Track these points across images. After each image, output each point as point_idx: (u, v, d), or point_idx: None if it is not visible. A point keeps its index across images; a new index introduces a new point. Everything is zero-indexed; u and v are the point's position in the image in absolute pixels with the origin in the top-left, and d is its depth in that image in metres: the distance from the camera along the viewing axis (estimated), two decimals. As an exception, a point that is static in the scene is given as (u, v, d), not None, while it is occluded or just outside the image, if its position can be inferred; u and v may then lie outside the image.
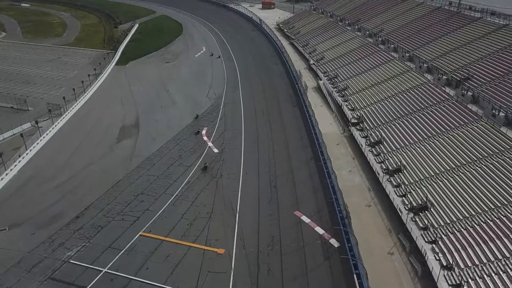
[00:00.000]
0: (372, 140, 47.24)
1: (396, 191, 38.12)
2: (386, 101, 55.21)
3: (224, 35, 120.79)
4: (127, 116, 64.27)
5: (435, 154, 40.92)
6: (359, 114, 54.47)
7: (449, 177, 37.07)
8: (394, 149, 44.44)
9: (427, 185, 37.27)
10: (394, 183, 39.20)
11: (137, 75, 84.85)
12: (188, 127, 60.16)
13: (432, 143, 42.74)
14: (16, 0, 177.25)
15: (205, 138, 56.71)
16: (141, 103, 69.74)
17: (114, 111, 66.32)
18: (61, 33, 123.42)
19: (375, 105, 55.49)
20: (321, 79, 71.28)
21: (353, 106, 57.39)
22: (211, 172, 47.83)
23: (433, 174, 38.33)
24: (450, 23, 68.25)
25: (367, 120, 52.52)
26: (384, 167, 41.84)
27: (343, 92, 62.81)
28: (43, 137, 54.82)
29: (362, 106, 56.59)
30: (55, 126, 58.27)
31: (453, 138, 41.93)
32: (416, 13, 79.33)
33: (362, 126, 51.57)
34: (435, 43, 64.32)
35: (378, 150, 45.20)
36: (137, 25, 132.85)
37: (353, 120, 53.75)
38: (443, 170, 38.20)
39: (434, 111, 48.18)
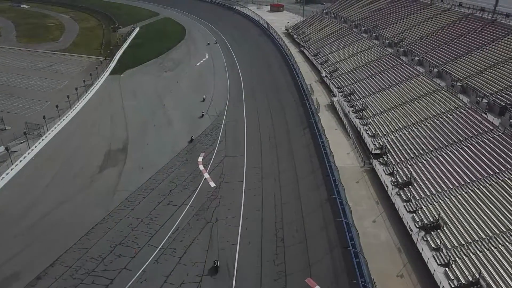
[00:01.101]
0: (400, 180, 38.97)
1: (436, 257, 29.93)
2: (414, 128, 46.80)
3: (229, 40, 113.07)
4: (115, 138, 56.85)
5: (487, 203, 32.62)
6: (381, 143, 46.19)
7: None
8: (429, 194, 36.11)
9: (484, 249, 29.01)
10: (433, 245, 30.99)
11: (132, 87, 77.49)
12: (182, 153, 52.51)
13: (478, 189, 34.42)
14: (17, 1, 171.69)
15: (201, 167, 49.00)
16: (133, 121, 62.29)
17: (102, 131, 58.93)
18: (57, 37, 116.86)
19: (401, 132, 47.13)
20: (335, 96, 63.01)
21: (373, 132, 49.09)
22: (205, 215, 40.09)
23: (490, 234, 30.03)
24: (485, 33, 59.47)
25: (391, 151, 44.21)
26: (418, 220, 33.64)
27: (361, 114, 54.53)
28: (15, 166, 47.58)
29: (384, 133, 48.27)
30: (30, 151, 51.01)
31: (508, 182, 33.59)
32: (442, 20, 70.56)
33: (386, 159, 43.28)
34: (469, 57, 55.65)
35: (408, 194, 36.93)
36: (137, 29, 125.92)
37: (375, 151, 45.51)
38: (504, 230, 29.92)
39: (476, 144, 39.77)
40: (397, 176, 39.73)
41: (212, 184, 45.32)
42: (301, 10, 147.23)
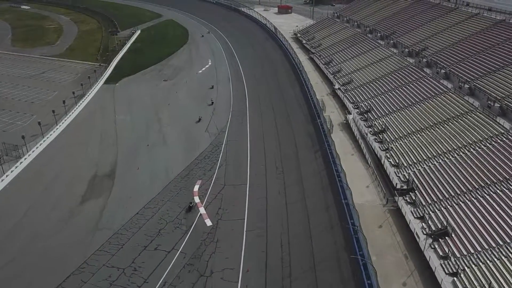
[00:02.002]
0: (434, 228, 32.21)
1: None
2: (446, 158, 39.90)
3: (234, 44, 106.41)
4: (102, 161, 50.63)
5: None
6: (407, 176, 39.40)
7: None
8: (473, 252, 29.27)
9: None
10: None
11: (127, 98, 71.30)
12: (176, 180, 46.12)
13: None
14: (17, 2, 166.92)
15: (196, 199, 42.56)
16: (125, 140, 56.05)
17: (88, 152, 52.73)
18: (54, 41, 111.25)
19: (430, 163, 40.26)
20: (350, 113, 56.19)
21: (397, 161, 42.30)
22: (198, 266, 33.66)
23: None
24: (522, 44, 52.44)
25: (420, 187, 37.42)
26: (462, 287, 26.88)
27: (381, 136, 47.72)
28: (-16, 197, 41.69)
29: (410, 162, 41.44)
30: (5, 177, 45.01)
31: None
32: (470, 27, 63.34)
33: (414, 197, 36.52)
34: (506, 72, 48.55)
35: (446, 249, 30.16)
36: (138, 32, 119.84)
37: (400, 186, 38.73)
38: None
39: (526, 184, 32.88)
40: (429, 221, 32.93)
41: (209, 222, 38.85)
42: (310, 11, 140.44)
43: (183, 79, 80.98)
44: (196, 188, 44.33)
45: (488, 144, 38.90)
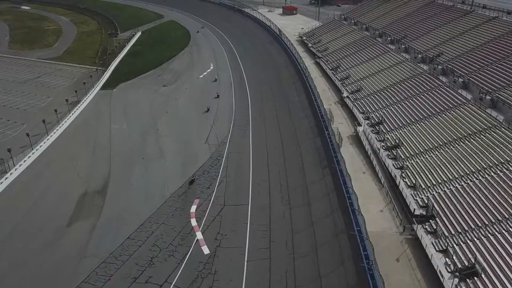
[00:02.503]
0: (460, 266, 28.37)
1: None
2: (472, 179, 35.96)
3: (237, 48, 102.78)
4: (94, 176, 47.17)
5: None
6: (426, 201, 35.57)
7: None
8: (507, 297, 25.51)
9: None
10: None
11: (124, 105, 67.86)
12: (173, 198, 42.59)
13: None
14: (17, 3, 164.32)
15: (193, 222, 38.98)
16: (119, 152, 52.57)
17: (80, 166, 49.21)
18: (52, 43, 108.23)
19: (452, 185, 36.37)
20: (360, 124, 52.36)
21: (413, 182, 38.46)
22: (193, 304, 30.12)
23: None
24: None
25: (441, 214, 33.58)
26: None
27: (394, 152, 43.88)
28: (-38, 218, 38.33)
29: (429, 184, 37.60)
30: (-13, 196, 41.76)
31: None
32: (488, 31, 59.24)
33: (435, 226, 32.71)
34: (532, 83, 44.62)
35: (475, 291, 26.38)
36: (139, 34, 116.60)
37: (418, 211, 34.91)
38: None
39: None
40: (454, 257, 29.12)
41: (206, 250, 35.23)
42: (315, 13, 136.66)
43: (183, 85, 77.45)
44: (193, 208, 40.76)
45: (517, 165, 35.02)
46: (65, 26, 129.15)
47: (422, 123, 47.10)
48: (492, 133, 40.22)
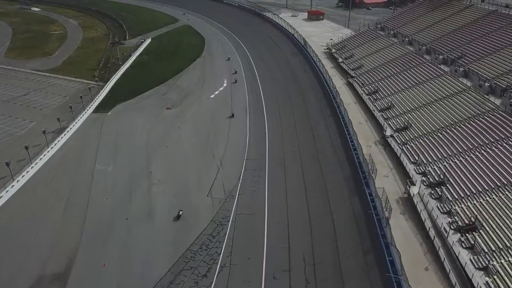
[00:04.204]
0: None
1: None
2: None
3: (256, 60, 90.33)
4: (57, 248, 35.76)
5: None
6: None
7: None
8: None
9: None
10: None
11: (117, 135, 56.47)
12: (156, 293, 30.84)
13: None
14: (27, 4, 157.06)
15: None
16: (98, 208, 41.10)
17: (42, 231, 37.90)
18: (53, 51, 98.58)
19: None
20: (413, 182, 39.02)
21: (486, 265, 25.28)
22: None
23: None
24: None
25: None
26: None
27: (471, 237, 30.55)
28: None
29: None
30: None
31: None
32: None
33: None
34: None
35: None
36: (148, 41, 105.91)
37: None
38: None
39: None
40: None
41: None
42: (344, 17, 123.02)
43: (190, 107, 65.71)
44: (182, 315, 28.90)
45: None
46: (71, 30, 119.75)
47: (507, 190, 33.54)
48: None
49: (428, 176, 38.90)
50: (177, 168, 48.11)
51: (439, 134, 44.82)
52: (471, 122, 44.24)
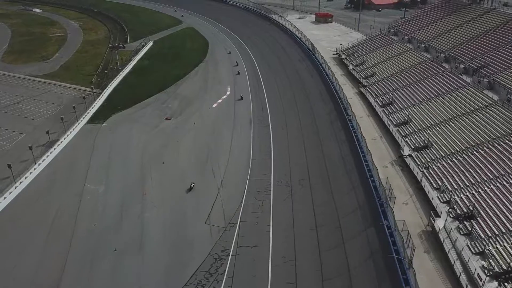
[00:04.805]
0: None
1: None
2: None
3: (261, 66, 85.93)
4: (35, 284, 31.88)
5: None
6: None
7: None
8: None
9: None
10: None
11: (110, 149, 52.43)
12: None
13: None
14: (28, 5, 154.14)
15: None
16: (84, 236, 36.99)
17: (20, 266, 33.82)
18: (50, 55, 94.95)
19: None
20: (438, 214, 34.45)
21: None
22: None
23: None
24: None
25: None
26: None
27: (504, 280, 26.03)
28: None
29: None
30: None
31: None
32: None
33: None
34: None
35: None
36: (150, 44, 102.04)
37: None
38: None
39: None
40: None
41: None
42: (353, 19, 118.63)
43: (191, 118, 61.56)
44: None
45: None
46: (71, 33, 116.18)
47: (551, 232, 28.93)
48: None
49: (455, 207, 34.31)
50: (174, 189, 43.94)
51: (464, 155, 40.19)
52: (501, 143, 39.57)
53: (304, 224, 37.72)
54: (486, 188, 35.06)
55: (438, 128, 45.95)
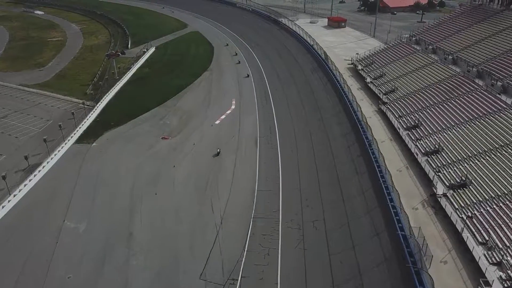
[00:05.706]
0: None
1: None
2: None
3: (270, 77, 79.37)
4: None
5: None
6: None
7: None
8: None
9: None
10: None
11: (97, 176, 46.26)
12: None
13: None
14: (30, 7, 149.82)
15: None
16: (54, 292, 31.23)
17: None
18: (46, 61, 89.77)
19: None
20: (489, 283, 27.58)
21: None
22: None
23: None
24: None
25: None
26: None
27: None
28: None
29: None
30: None
31: None
32: None
33: None
34: None
35: None
36: (152, 50, 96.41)
37: None
38: None
39: None
40: None
41: None
42: (366, 23, 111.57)
43: (190, 137, 55.39)
44: None
45: None
46: (71, 37, 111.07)
47: None
48: None
49: (509, 272, 27.47)
50: (166, 229, 37.80)
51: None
52: (559, 185, 32.60)
53: (318, 277, 31.16)
54: (547, 248, 28.19)
55: (477, 161, 39.01)
